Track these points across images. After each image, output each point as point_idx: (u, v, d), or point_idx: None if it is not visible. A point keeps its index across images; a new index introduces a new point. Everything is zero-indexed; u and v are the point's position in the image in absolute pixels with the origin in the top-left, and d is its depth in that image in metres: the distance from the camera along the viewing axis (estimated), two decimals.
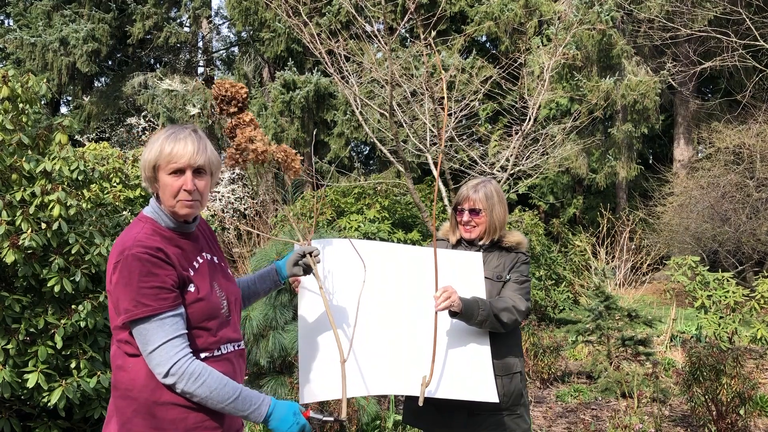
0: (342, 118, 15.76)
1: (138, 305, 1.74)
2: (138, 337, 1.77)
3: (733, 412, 4.70)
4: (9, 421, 3.70)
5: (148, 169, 1.88)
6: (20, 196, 3.75)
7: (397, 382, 2.36)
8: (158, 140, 1.88)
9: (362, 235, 8.78)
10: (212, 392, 1.77)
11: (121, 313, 1.77)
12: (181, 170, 1.85)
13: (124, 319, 1.76)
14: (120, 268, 1.77)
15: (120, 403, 1.82)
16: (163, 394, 1.79)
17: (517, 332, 2.69)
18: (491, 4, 15.69)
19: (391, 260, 2.53)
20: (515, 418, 2.59)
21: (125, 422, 1.80)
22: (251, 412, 1.80)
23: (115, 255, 1.80)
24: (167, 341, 1.75)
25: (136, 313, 1.74)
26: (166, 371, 1.74)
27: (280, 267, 2.33)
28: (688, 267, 7.72)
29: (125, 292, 1.75)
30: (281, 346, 4.54)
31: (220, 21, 23.64)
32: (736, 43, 12.85)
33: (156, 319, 1.75)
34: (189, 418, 1.80)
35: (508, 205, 2.83)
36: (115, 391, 1.84)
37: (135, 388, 1.80)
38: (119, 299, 1.77)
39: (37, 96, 4.29)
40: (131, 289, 1.75)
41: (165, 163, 1.85)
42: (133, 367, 1.81)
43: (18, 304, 3.62)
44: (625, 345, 6.57)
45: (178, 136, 1.87)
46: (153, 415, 1.78)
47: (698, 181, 13.37)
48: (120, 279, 1.76)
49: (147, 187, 1.93)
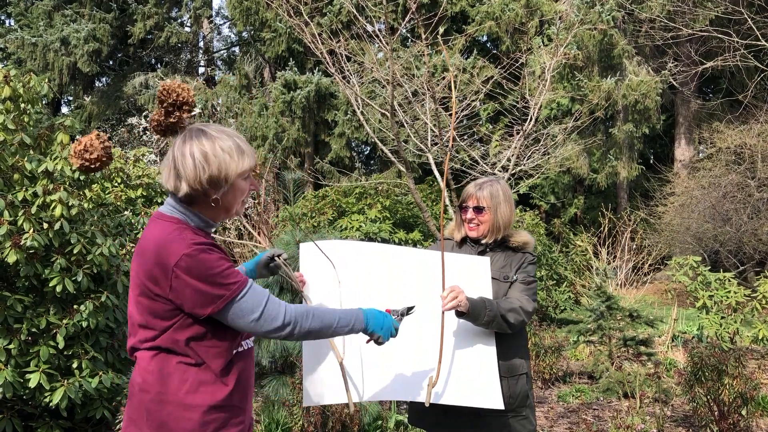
0: (343, 118, 15.75)
1: (228, 286, 1.78)
2: (239, 313, 1.79)
3: (735, 413, 4.69)
4: (11, 421, 3.70)
5: (232, 176, 1.84)
6: (22, 196, 3.75)
7: (404, 387, 2.35)
8: (237, 144, 1.87)
9: (363, 235, 8.78)
10: (323, 322, 1.90)
11: (210, 303, 1.77)
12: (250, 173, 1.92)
13: (219, 305, 1.77)
14: (185, 269, 1.75)
15: (153, 407, 1.81)
16: (199, 398, 1.81)
17: (523, 333, 2.67)
18: (492, 4, 15.68)
19: (397, 263, 2.52)
20: (521, 420, 2.58)
21: (161, 425, 1.80)
22: (353, 326, 1.97)
23: (165, 261, 1.76)
24: (267, 300, 1.83)
25: (232, 292, 1.78)
26: (282, 323, 1.83)
27: (250, 270, 2.37)
28: (690, 267, 7.71)
29: (207, 283, 1.76)
30: (283, 346, 4.54)
31: (221, 21, 23.66)
32: (737, 42, 12.84)
33: (248, 288, 1.81)
34: (221, 417, 1.83)
35: None
36: (145, 395, 1.83)
37: (178, 392, 1.80)
38: (201, 295, 1.76)
39: (39, 96, 4.29)
40: (213, 277, 1.76)
41: (251, 168, 1.89)
42: (183, 372, 1.81)
43: (20, 304, 3.62)
44: (627, 345, 6.56)
45: (234, 135, 1.90)
46: (188, 419, 1.80)
47: (699, 181, 13.36)
48: (191, 277, 1.75)
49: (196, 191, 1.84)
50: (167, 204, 1.90)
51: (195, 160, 1.81)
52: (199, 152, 1.82)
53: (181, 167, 1.83)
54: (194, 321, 1.81)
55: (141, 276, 1.81)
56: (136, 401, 1.84)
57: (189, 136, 1.86)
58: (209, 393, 1.82)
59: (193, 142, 1.84)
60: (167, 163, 1.87)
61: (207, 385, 1.82)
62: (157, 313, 1.81)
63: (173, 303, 1.78)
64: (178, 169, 1.83)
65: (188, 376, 1.81)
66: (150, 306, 1.81)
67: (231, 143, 1.86)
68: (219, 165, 1.82)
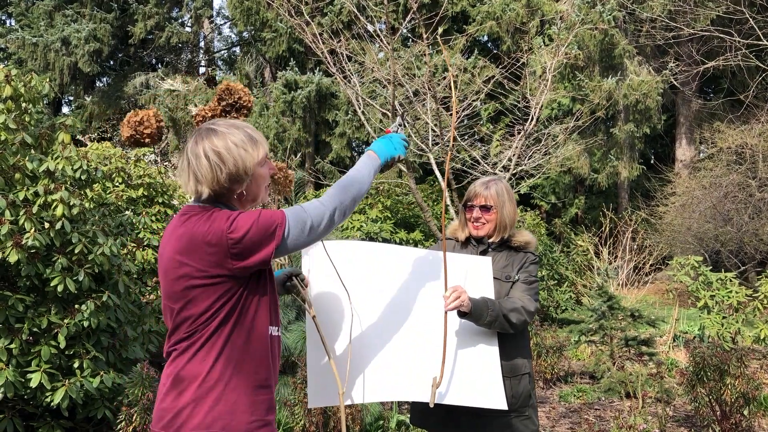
0: (344, 118, 15.76)
1: (274, 221, 1.81)
2: (293, 233, 1.83)
3: (738, 413, 4.69)
4: (12, 420, 3.70)
5: (251, 167, 1.85)
6: (23, 195, 3.75)
7: (407, 387, 2.35)
8: (248, 136, 1.87)
9: (364, 234, 8.78)
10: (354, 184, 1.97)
11: (270, 240, 1.80)
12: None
13: (281, 231, 1.81)
14: (235, 226, 1.77)
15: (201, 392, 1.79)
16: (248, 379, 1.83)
17: (525, 333, 2.66)
18: (493, 3, 15.68)
19: (399, 263, 2.52)
20: (523, 420, 2.57)
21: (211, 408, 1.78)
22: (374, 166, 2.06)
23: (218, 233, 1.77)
24: (305, 208, 1.87)
25: (281, 221, 1.81)
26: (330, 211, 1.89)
27: None
28: (691, 267, 7.71)
29: (261, 224, 1.79)
30: (284, 346, 4.53)
31: (221, 21, 23.65)
32: (738, 42, 12.83)
33: (287, 212, 1.85)
34: (264, 400, 1.86)
35: None
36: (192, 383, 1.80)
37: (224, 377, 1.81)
38: (263, 230, 1.79)
39: (40, 96, 4.29)
40: (260, 219, 1.80)
41: (265, 155, 1.90)
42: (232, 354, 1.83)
43: (21, 303, 3.62)
44: (628, 345, 6.56)
45: (244, 126, 1.90)
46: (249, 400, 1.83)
47: (700, 181, 13.35)
48: (244, 228, 1.78)
49: (221, 189, 1.84)
50: (196, 203, 1.89)
51: (210, 161, 1.80)
52: (212, 152, 1.81)
53: (197, 170, 1.82)
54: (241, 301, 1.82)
55: (192, 264, 1.78)
56: (181, 389, 1.82)
57: (200, 136, 1.85)
58: (256, 374, 1.84)
59: (205, 142, 1.83)
60: (183, 168, 1.86)
61: (253, 366, 1.83)
62: (208, 298, 1.79)
63: (237, 274, 1.79)
64: (195, 173, 1.82)
65: (232, 358, 1.81)
66: (201, 294, 1.79)
67: (242, 135, 1.85)
68: (235, 160, 1.82)
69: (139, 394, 3.62)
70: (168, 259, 1.84)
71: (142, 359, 4.14)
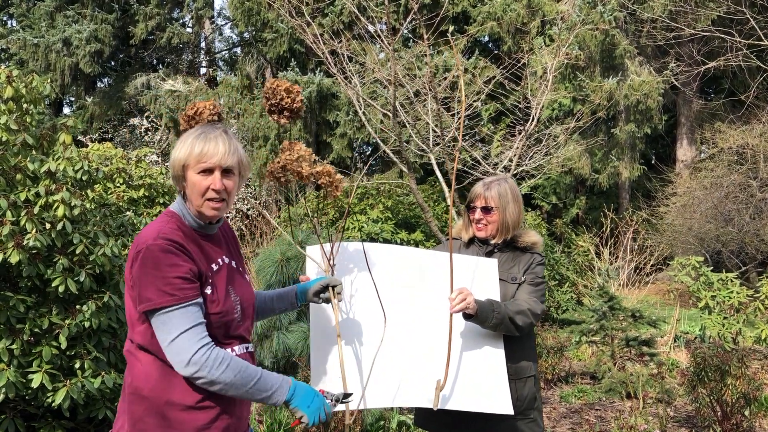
0: (345, 118, 15.76)
1: (162, 294, 1.73)
2: (159, 327, 1.75)
3: (738, 413, 4.68)
4: (13, 421, 3.70)
5: (177, 168, 1.88)
6: (24, 196, 3.75)
7: (412, 393, 2.32)
8: (188, 139, 1.89)
9: (365, 235, 8.78)
10: (235, 376, 1.75)
11: (142, 301, 1.76)
12: (210, 170, 1.86)
13: (145, 308, 1.75)
14: (142, 259, 1.76)
15: (131, 401, 1.82)
16: (174, 394, 1.78)
17: (531, 335, 2.63)
18: (494, 4, 15.68)
19: (405, 265, 2.49)
20: (528, 423, 2.55)
21: (136, 422, 1.80)
22: (273, 392, 1.80)
23: (136, 246, 1.80)
24: (188, 329, 1.74)
25: (159, 302, 1.73)
26: (188, 359, 1.72)
27: (301, 291, 2.29)
28: (692, 267, 7.70)
29: (148, 282, 1.74)
30: (285, 347, 4.53)
31: (222, 21, 23.66)
32: (740, 42, 12.82)
33: (179, 308, 1.74)
34: (199, 418, 1.80)
35: None
36: (127, 389, 1.85)
37: (147, 387, 1.80)
38: (141, 289, 1.76)
39: (41, 96, 4.29)
40: (155, 279, 1.74)
41: (195, 162, 1.85)
42: (146, 364, 1.81)
43: (22, 304, 3.62)
44: (629, 345, 6.55)
45: (208, 135, 1.87)
46: (163, 416, 1.78)
47: (701, 182, 13.34)
48: (142, 269, 1.75)
49: (174, 185, 1.94)
50: (175, 200, 1.97)
51: (172, 153, 1.92)
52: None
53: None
54: None
55: (126, 271, 1.85)
56: (121, 399, 1.88)
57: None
58: (180, 391, 1.79)
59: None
60: None
61: (179, 382, 1.79)
62: (132, 307, 1.84)
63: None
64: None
65: (162, 372, 1.79)
66: (129, 301, 1.84)
67: (190, 138, 1.90)
68: (172, 157, 1.91)
69: None
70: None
71: None
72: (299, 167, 2.24)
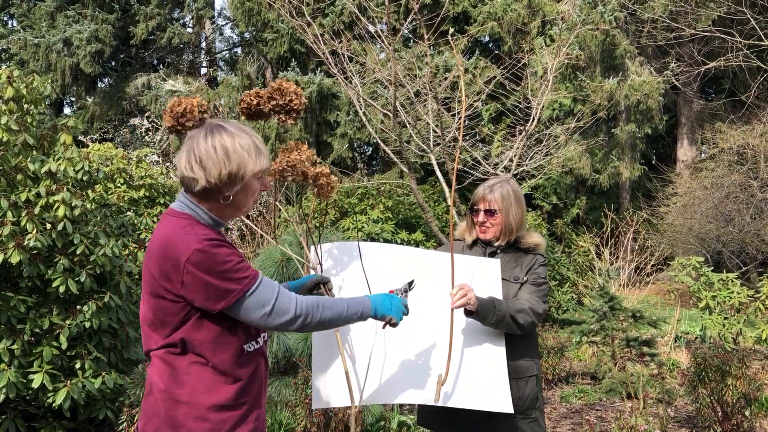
0: (345, 118, 15.75)
1: (239, 281, 1.78)
2: (251, 307, 1.80)
3: (739, 413, 4.68)
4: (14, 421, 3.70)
5: (248, 175, 1.84)
6: (25, 196, 3.76)
7: (413, 390, 2.34)
8: (257, 143, 1.88)
9: (365, 235, 8.79)
10: (333, 311, 1.92)
11: (223, 298, 1.77)
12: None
13: (232, 299, 1.78)
14: (195, 265, 1.75)
15: (168, 407, 1.82)
16: (213, 396, 1.81)
17: (533, 335, 2.65)
18: (494, 4, 15.67)
19: (407, 263, 2.50)
20: (530, 422, 2.56)
21: (177, 427, 1.80)
22: (362, 312, 2.00)
23: (174, 258, 1.77)
24: (277, 293, 1.84)
25: (242, 288, 1.79)
26: (293, 315, 1.85)
27: (294, 288, 2.31)
28: (692, 267, 7.70)
29: (217, 280, 1.76)
30: (286, 347, 4.54)
31: (223, 22, 23.65)
32: (740, 43, 12.82)
33: (258, 283, 1.82)
34: (236, 415, 1.85)
35: None
36: (159, 393, 1.84)
37: (184, 392, 1.81)
38: (210, 290, 1.76)
39: (42, 97, 4.30)
40: (222, 273, 1.76)
41: (265, 168, 1.89)
42: (183, 368, 1.82)
43: (23, 304, 3.63)
44: (630, 346, 6.55)
45: (252, 135, 1.90)
46: (204, 418, 1.80)
47: (702, 182, 13.33)
48: (203, 273, 1.75)
49: (210, 187, 1.82)
50: (179, 200, 1.90)
51: (217, 155, 1.81)
52: (220, 147, 1.82)
53: (205, 159, 1.81)
54: (206, 319, 1.81)
55: (154, 274, 1.80)
56: (152, 401, 1.85)
57: (209, 130, 1.86)
58: (222, 392, 1.82)
59: (214, 136, 1.83)
60: (185, 155, 1.85)
61: (219, 385, 1.82)
62: (169, 311, 1.81)
63: (185, 299, 1.78)
64: (200, 162, 1.82)
65: (201, 375, 1.81)
66: (162, 305, 1.81)
67: (249, 141, 1.86)
68: (239, 162, 1.82)
69: (141, 395, 3.62)
70: (144, 262, 1.87)
71: (144, 360, 4.15)
72: (305, 167, 2.29)
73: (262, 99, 2.24)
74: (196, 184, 1.82)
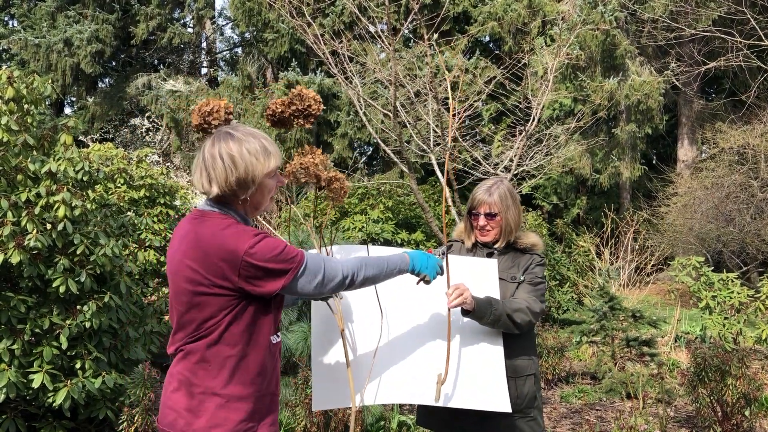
0: (345, 118, 15.76)
1: (293, 260, 1.91)
2: (305, 278, 1.93)
3: (739, 413, 4.68)
4: (14, 421, 3.71)
5: (259, 177, 1.92)
6: (25, 196, 3.76)
7: (412, 390, 2.34)
8: (268, 146, 1.94)
9: (366, 235, 8.79)
10: (375, 269, 2.07)
11: (281, 276, 1.89)
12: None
13: (290, 276, 1.89)
14: (255, 254, 1.86)
15: (202, 400, 1.88)
16: (246, 388, 1.89)
17: (531, 334, 2.66)
18: (494, 4, 15.67)
19: None
20: (528, 421, 2.57)
21: (212, 416, 1.86)
22: (401, 267, 2.15)
23: (230, 254, 1.84)
24: (324, 262, 1.98)
25: (297, 263, 1.91)
26: (342, 276, 1.99)
27: None
28: (693, 267, 7.69)
29: (276, 262, 1.88)
30: (285, 347, 4.54)
31: (223, 22, 23.67)
32: (740, 43, 12.81)
33: (307, 258, 1.94)
34: (264, 407, 1.94)
35: None
36: (196, 388, 1.89)
37: (219, 384, 1.88)
38: (273, 272, 1.88)
39: (42, 97, 4.30)
40: (279, 256, 1.88)
41: (276, 166, 1.96)
42: (218, 362, 1.90)
43: (23, 304, 3.63)
44: (630, 345, 6.55)
45: (261, 137, 1.96)
46: (237, 409, 1.88)
47: (702, 182, 13.33)
48: (263, 259, 1.86)
49: (227, 192, 1.90)
50: (207, 204, 1.97)
51: (224, 163, 1.88)
52: (227, 155, 1.89)
53: (211, 170, 1.90)
54: (245, 311, 1.88)
55: (201, 272, 1.86)
56: (180, 395, 1.89)
57: (217, 138, 1.93)
58: (255, 383, 1.90)
59: (221, 144, 1.91)
60: (198, 165, 1.94)
61: (252, 376, 1.90)
62: (213, 305, 1.87)
63: (242, 291, 1.86)
64: (208, 172, 1.91)
65: (235, 367, 1.88)
66: (207, 301, 1.87)
67: (257, 145, 1.92)
68: (246, 167, 1.89)
69: (141, 395, 3.63)
70: (178, 261, 1.91)
71: (144, 360, 4.16)
72: (318, 171, 2.35)
73: (285, 106, 2.30)
74: (211, 193, 1.92)
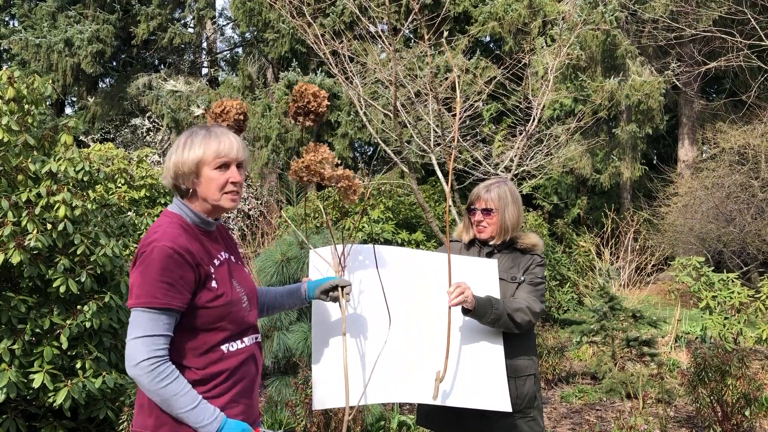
0: (346, 118, 15.76)
1: (146, 295, 1.81)
2: (132, 322, 1.83)
3: (739, 413, 4.69)
4: (15, 421, 3.71)
5: (189, 166, 1.92)
6: (26, 196, 3.77)
7: (411, 389, 2.34)
8: (196, 138, 1.95)
9: (366, 235, 8.79)
10: (173, 396, 1.79)
11: (132, 297, 1.85)
12: (227, 164, 1.95)
13: (130, 305, 1.84)
14: (144, 257, 1.84)
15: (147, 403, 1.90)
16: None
17: (531, 334, 2.67)
18: (495, 4, 15.67)
19: (405, 265, 2.51)
20: (528, 421, 2.57)
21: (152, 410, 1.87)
22: (204, 426, 1.82)
23: (140, 248, 1.88)
24: (153, 336, 1.80)
25: (142, 301, 1.81)
26: (138, 362, 1.78)
27: (310, 288, 2.35)
28: (693, 267, 7.69)
29: (141, 280, 1.83)
30: (286, 347, 4.54)
31: (224, 22, 23.67)
32: (741, 43, 12.81)
33: (155, 312, 1.81)
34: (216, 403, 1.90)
35: None
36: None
37: None
38: (134, 285, 1.85)
39: (43, 97, 4.30)
40: (147, 279, 1.82)
41: (213, 158, 1.92)
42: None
43: (24, 304, 3.64)
44: (630, 345, 6.55)
45: (216, 132, 1.96)
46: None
47: (703, 182, 13.32)
48: (140, 267, 1.84)
49: (174, 185, 1.97)
50: (173, 199, 2.03)
51: (166, 155, 1.98)
52: (170, 148, 1.99)
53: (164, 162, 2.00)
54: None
55: None
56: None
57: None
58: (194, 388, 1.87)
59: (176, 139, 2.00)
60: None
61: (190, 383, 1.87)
62: None
63: None
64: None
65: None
66: None
67: (189, 138, 1.95)
68: (174, 158, 1.94)
69: None
70: None
71: None
72: (322, 168, 2.31)
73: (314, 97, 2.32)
74: (167, 186, 1.99)
